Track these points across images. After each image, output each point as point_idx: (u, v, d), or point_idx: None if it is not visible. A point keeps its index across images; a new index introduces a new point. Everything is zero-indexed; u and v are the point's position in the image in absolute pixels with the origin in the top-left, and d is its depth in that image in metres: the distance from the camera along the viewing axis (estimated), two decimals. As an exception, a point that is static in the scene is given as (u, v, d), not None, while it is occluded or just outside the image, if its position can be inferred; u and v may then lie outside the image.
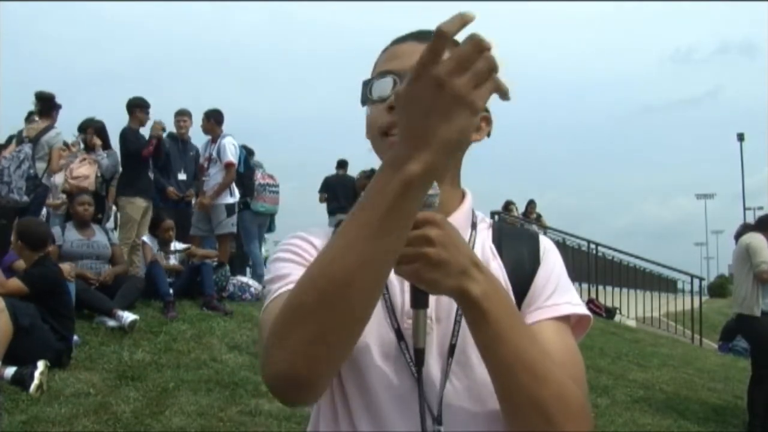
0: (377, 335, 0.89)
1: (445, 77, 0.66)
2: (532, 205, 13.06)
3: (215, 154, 7.15)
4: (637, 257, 14.29)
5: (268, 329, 0.78)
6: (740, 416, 5.51)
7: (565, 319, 0.92)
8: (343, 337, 0.76)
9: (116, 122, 7.11)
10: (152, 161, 6.91)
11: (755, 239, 5.31)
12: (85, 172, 6.69)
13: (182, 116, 7.46)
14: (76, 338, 4.62)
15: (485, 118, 0.97)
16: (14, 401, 3.78)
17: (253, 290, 6.90)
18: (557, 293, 0.93)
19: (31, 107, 6.75)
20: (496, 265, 0.95)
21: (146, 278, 5.97)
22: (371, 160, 1.06)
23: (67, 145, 7.06)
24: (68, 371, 4.31)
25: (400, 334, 0.89)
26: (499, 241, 0.98)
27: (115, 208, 7.58)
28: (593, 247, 12.63)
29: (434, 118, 0.67)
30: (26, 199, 5.93)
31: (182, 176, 7.31)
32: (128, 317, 5.10)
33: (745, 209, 28.84)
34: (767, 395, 5.06)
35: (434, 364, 0.89)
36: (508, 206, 12.45)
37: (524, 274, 0.94)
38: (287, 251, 0.96)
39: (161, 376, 4.47)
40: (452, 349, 0.89)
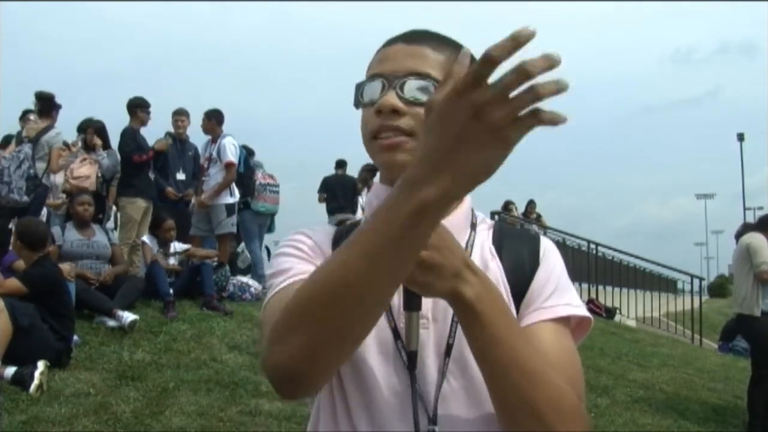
0: (375, 333, 0.88)
1: (484, 106, 0.60)
2: (532, 205, 13.04)
3: (215, 154, 7.15)
4: (637, 257, 14.34)
5: (269, 326, 0.79)
6: (740, 416, 5.51)
7: (563, 320, 0.92)
8: (342, 345, 0.76)
9: (116, 122, 7.12)
10: (152, 162, 6.93)
11: (756, 239, 5.30)
12: (85, 172, 6.68)
13: (180, 116, 7.44)
14: (76, 338, 4.62)
15: None
16: (14, 401, 3.78)
17: (253, 290, 6.88)
18: (556, 294, 0.93)
19: (29, 106, 6.75)
20: (494, 265, 0.94)
21: (146, 278, 5.97)
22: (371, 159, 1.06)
23: (67, 145, 7.06)
24: (68, 371, 4.30)
25: (396, 333, 0.89)
26: (499, 241, 0.97)
27: (115, 208, 7.58)
28: (593, 247, 12.63)
29: (463, 146, 0.62)
30: (26, 199, 5.93)
31: (181, 176, 7.30)
32: (128, 317, 5.11)
33: (745, 209, 28.90)
34: (767, 395, 5.06)
35: (431, 363, 0.89)
36: (507, 206, 12.42)
37: (523, 274, 0.94)
38: (290, 246, 0.97)
39: (161, 376, 4.47)
40: (449, 348, 0.89)
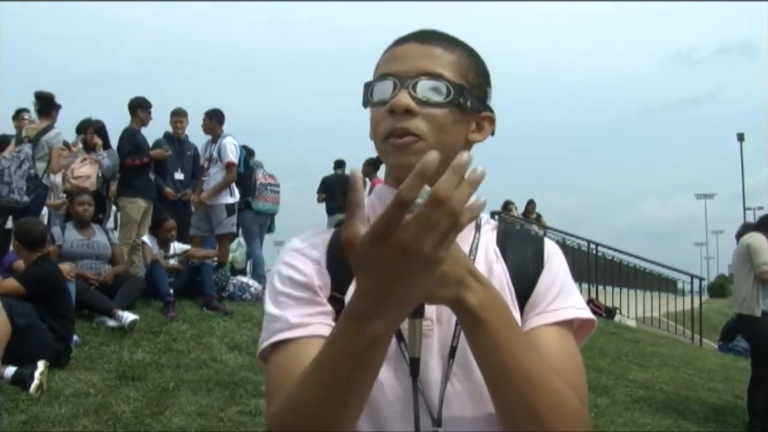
0: None
1: (409, 242, 0.64)
2: (531, 205, 13.04)
3: (216, 154, 7.15)
4: (637, 257, 14.36)
5: (272, 397, 0.85)
6: (740, 416, 5.51)
7: (567, 323, 0.91)
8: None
9: (116, 122, 7.12)
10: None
11: (756, 239, 5.30)
12: (86, 172, 6.68)
13: (178, 116, 7.44)
14: (76, 338, 4.62)
15: (489, 117, 0.96)
16: (14, 401, 3.78)
17: (253, 290, 6.89)
18: (560, 298, 0.93)
19: (25, 106, 6.75)
20: (499, 267, 0.94)
21: (146, 278, 5.97)
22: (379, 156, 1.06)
23: (67, 145, 7.06)
24: (68, 371, 4.30)
25: (399, 335, 0.88)
26: (503, 243, 0.97)
27: (115, 208, 7.58)
28: (593, 247, 12.64)
29: (401, 281, 0.67)
30: (26, 199, 5.93)
31: (179, 176, 7.30)
32: (128, 317, 5.10)
33: (745, 209, 28.85)
34: (767, 395, 5.05)
35: (435, 366, 0.88)
36: (507, 206, 12.42)
37: (527, 277, 0.94)
38: (285, 278, 0.93)
39: (161, 376, 4.47)
40: (453, 351, 0.88)
